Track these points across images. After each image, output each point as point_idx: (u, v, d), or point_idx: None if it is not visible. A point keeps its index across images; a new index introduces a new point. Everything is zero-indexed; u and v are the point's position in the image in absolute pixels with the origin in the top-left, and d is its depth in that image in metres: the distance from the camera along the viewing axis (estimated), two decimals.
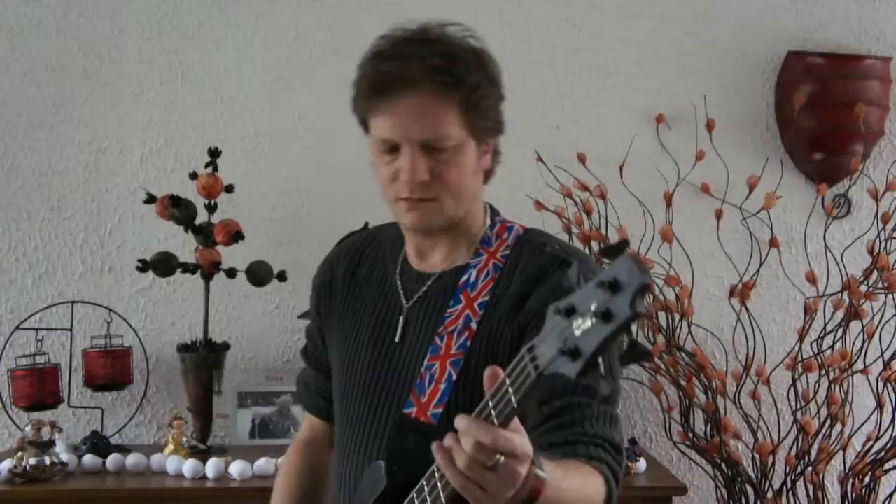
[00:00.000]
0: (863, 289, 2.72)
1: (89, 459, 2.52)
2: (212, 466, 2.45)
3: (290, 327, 2.87)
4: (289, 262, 2.75)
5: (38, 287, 2.83)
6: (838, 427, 2.72)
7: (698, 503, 2.94)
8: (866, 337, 2.72)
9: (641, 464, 2.59)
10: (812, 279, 2.78)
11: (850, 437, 2.74)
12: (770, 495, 2.75)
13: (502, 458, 1.08)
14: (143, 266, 2.60)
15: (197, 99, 2.88)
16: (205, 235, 2.63)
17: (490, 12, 2.83)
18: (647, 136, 2.93)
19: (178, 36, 2.87)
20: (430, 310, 1.47)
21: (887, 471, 2.75)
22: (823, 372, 2.73)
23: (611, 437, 1.35)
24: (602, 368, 0.99)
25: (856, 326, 2.74)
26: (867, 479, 2.73)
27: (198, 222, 2.65)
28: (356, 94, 1.46)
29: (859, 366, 2.74)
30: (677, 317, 2.80)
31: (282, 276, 2.67)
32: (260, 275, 2.66)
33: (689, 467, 2.92)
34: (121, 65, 2.86)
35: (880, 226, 2.77)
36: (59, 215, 2.85)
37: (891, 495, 2.86)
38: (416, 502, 1.24)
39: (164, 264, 2.63)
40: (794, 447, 2.74)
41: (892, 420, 2.71)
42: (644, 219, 2.87)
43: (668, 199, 2.89)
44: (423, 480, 1.22)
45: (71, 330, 2.79)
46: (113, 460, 2.51)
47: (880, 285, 2.72)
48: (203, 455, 2.54)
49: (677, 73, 2.95)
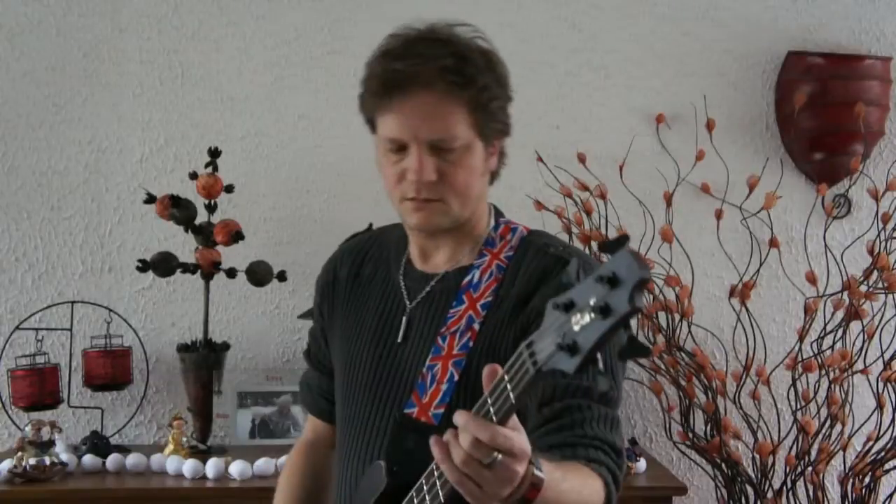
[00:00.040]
0: (863, 289, 2.72)
1: (89, 459, 2.52)
2: (212, 466, 2.45)
3: (290, 327, 2.87)
4: (289, 262, 2.76)
5: (38, 287, 2.83)
6: (838, 427, 2.72)
7: (698, 503, 2.94)
8: (866, 337, 2.72)
9: (641, 464, 2.59)
10: (812, 279, 2.78)
11: (850, 437, 2.74)
12: (770, 495, 2.75)
13: (500, 455, 1.08)
14: (143, 266, 2.60)
15: (197, 99, 2.88)
16: (205, 235, 2.63)
17: (490, 12, 2.83)
18: (647, 136, 2.93)
19: (178, 36, 2.87)
20: (432, 310, 1.46)
21: (887, 471, 2.75)
22: (823, 372, 2.73)
23: (611, 439, 1.34)
24: (601, 364, 0.99)
25: (856, 326, 2.74)
26: (867, 479, 2.73)
27: (198, 222, 2.65)
28: (364, 92, 1.45)
29: (859, 366, 2.74)
30: (677, 317, 2.80)
31: (282, 276, 2.67)
32: (260, 275, 2.66)
33: (689, 467, 2.92)
34: (121, 65, 2.86)
35: (880, 226, 2.77)
36: (59, 215, 2.85)
37: (891, 495, 2.86)
38: (415, 501, 1.24)
39: (164, 264, 2.63)
40: (794, 447, 2.74)
41: (892, 420, 2.71)
42: (644, 219, 2.87)
43: (668, 199, 2.89)
44: (423, 479, 1.22)
45: (71, 330, 2.79)
46: (113, 460, 2.51)
47: (880, 285, 2.72)
48: (203, 455, 2.54)
49: (677, 73, 2.95)
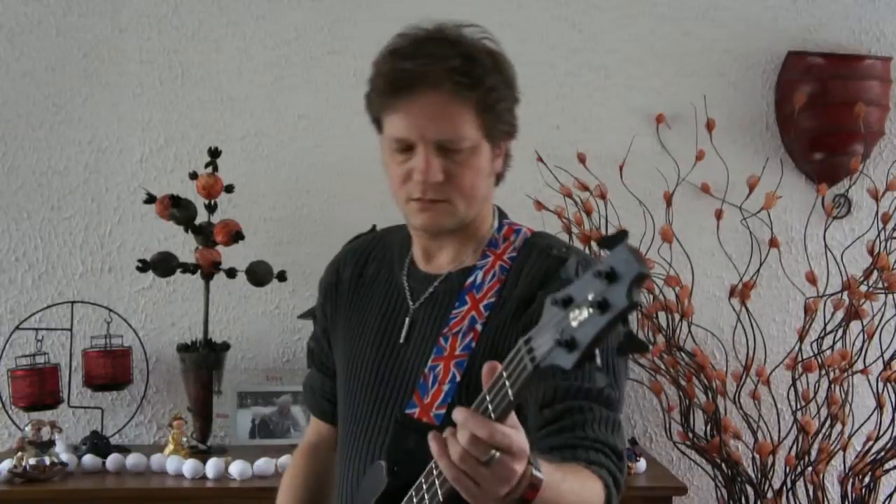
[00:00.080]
0: (863, 289, 2.72)
1: (89, 459, 2.51)
2: (212, 466, 2.45)
3: (290, 327, 2.87)
4: (289, 262, 2.76)
5: (38, 287, 2.83)
6: (838, 427, 2.72)
7: (698, 503, 2.94)
8: (866, 337, 2.72)
9: (641, 464, 2.59)
10: (812, 279, 2.78)
11: (850, 437, 2.74)
12: (770, 495, 2.75)
13: (497, 453, 1.07)
14: (143, 266, 2.60)
15: (197, 99, 2.88)
16: (205, 235, 2.63)
17: (490, 12, 2.83)
18: (647, 136, 2.93)
19: (178, 36, 2.87)
20: (435, 311, 1.46)
21: (887, 471, 2.75)
22: (823, 372, 2.73)
23: (612, 442, 1.34)
24: (599, 360, 0.98)
25: (856, 326, 2.74)
26: (867, 479, 2.73)
27: (198, 222, 2.65)
28: (370, 91, 1.45)
29: (859, 366, 2.74)
30: (677, 317, 2.80)
31: (282, 276, 2.67)
32: (260, 275, 2.66)
33: (689, 467, 2.92)
34: (121, 65, 2.86)
35: (880, 226, 2.77)
36: (59, 215, 2.84)
37: (891, 495, 2.86)
38: (414, 500, 1.24)
39: (164, 264, 2.63)
40: (794, 447, 2.74)
41: (892, 420, 2.71)
42: (644, 219, 2.87)
43: (668, 199, 2.89)
44: (422, 477, 1.22)
45: (71, 330, 2.79)
46: (113, 460, 2.51)
47: (880, 285, 2.72)
48: (203, 455, 2.54)
49: (677, 73, 2.95)
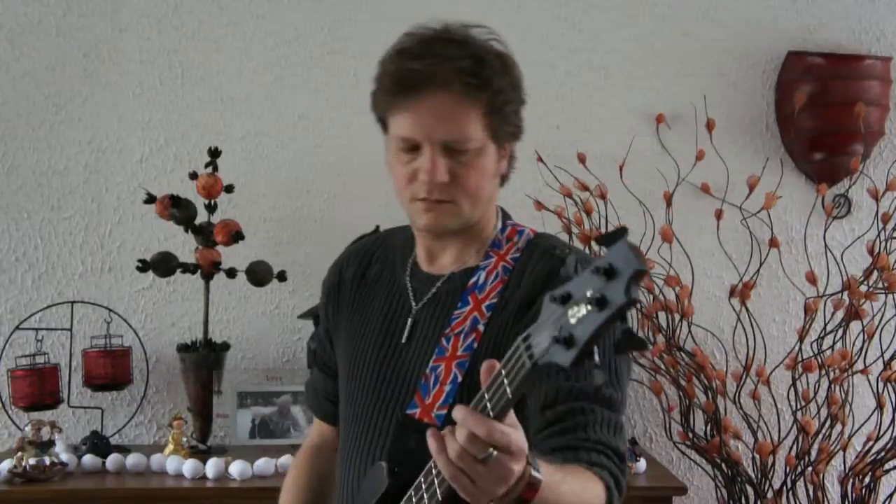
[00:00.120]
0: (863, 289, 2.72)
1: (89, 459, 2.51)
2: (212, 466, 2.45)
3: (290, 327, 2.87)
4: (289, 262, 2.76)
5: (38, 287, 2.83)
6: (838, 427, 2.72)
7: (698, 503, 2.94)
8: (866, 337, 2.72)
9: (641, 464, 2.59)
10: (812, 279, 2.78)
11: (850, 437, 2.74)
12: (770, 495, 2.75)
13: (495, 452, 1.07)
14: (143, 266, 2.60)
15: (197, 99, 2.87)
16: (205, 235, 2.63)
17: (490, 12, 2.82)
18: (647, 136, 2.93)
19: (178, 36, 2.87)
20: (438, 311, 1.46)
21: (887, 471, 2.75)
22: (823, 372, 2.73)
23: (614, 444, 1.33)
24: (597, 357, 0.97)
25: (856, 326, 2.74)
26: (867, 479, 2.73)
27: (198, 222, 2.65)
28: (376, 90, 1.44)
29: (859, 366, 2.74)
30: (677, 317, 2.80)
31: (282, 276, 2.67)
32: (260, 275, 2.66)
33: (689, 467, 2.92)
34: (121, 65, 2.86)
35: (880, 226, 2.77)
36: (59, 215, 2.84)
37: (891, 495, 2.86)
38: (413, 500, 1.23)
39: (164, 264, 2.63)
40: (794, 447, 2.74)
41: (892, 420, 2.71)
42: (644, 219, 2.87)
43: (668, 199, 2.89)
44: (421, 477, 1.22)
45: (71, 330, 2.79)
46: (113, 460, 2.51)
47: (880, 285, 2.72)
48: (203, 455, 2.54)
49: (677, 73, 2.95)
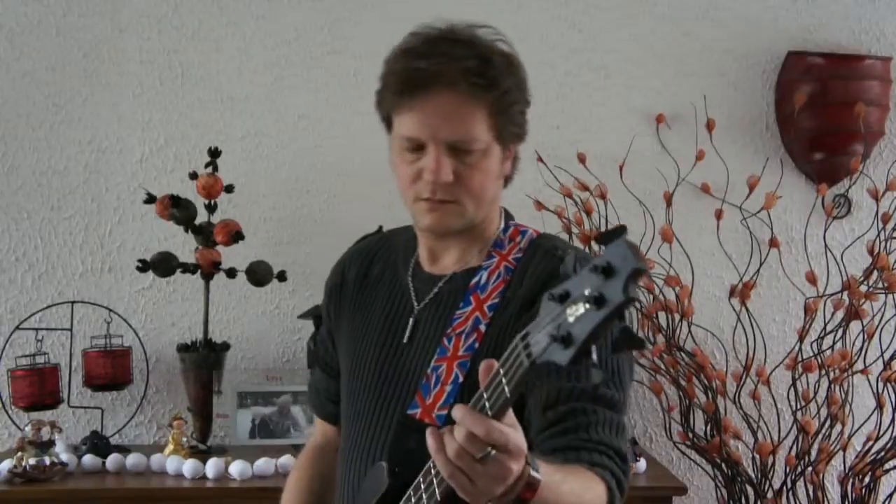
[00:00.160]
0: (863, 289, 2.72)
1: (89, 459, 2.51)
2: (212, 466, 2.45)
3: (290, 327, 2.87)
4: (289, 262, 2.76)
5: (38, 287, 2.83)
6: (838, 427, 2.72)
7: (698, 503, 2.94)
8: (866, 337, 2.72)
9: (641, 464, 2.58)
10: (812, 279, 2.78)
11: (850, 437, 2.75)
12: (770, 495, 2.75)
13: (493, 451, 1.07)
14: (143, 266, 2.60)
15: (197, 99, 2.87)
16: (205, 235, 2.63)
17: (490, 12, 2.82)
18: (647, 136, 2.93)
19: (178, 36, 2.87)
20: (439, 311, 1.46)
21: (887, 471, 2.75)
22: (823, 372, 2.73)
23: (616, 444, 1.33)
24: (595, 356, 0.97)
25: (856, 326, 2.74)
26: (867, 479, 2.73)
27: (198, 222, 2.65)
28: (381, 89, 1.44)
29: (859, 366, 2.74)
30: (677, 317, 2.80)
31: (282, 276, 2.67)
32: (260, 275, 2.66)
33: (689, 467, 2.92)
34: (121, 65, 2.86)
35: (880, 226, 2.77)
36: (59, 215, 2.84)
37: (891, 495, 2.86)
38: (413, 500, 1.23)
39: (164, 264, 2.63)
40: (794, 447, 2.74)
41: (892, 420, 2.71)
42: (644, 219, 2.87)
43: (668, 199, 2.89)
44: (421, 476, 1.21)
45: (71, 330, 2.79)
46: (113, 460, 2.51)
47: (880, 285, 2.72)
48: (203, 455, 2.54)
49: (677, 73, 2.95)
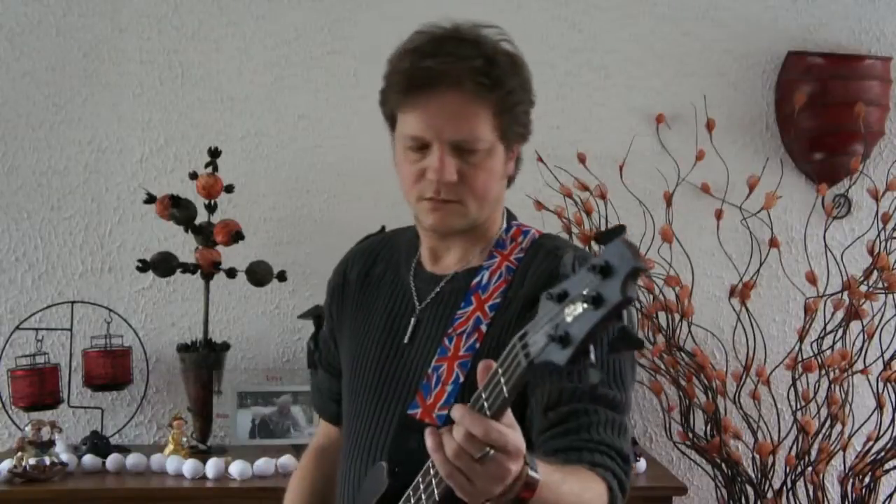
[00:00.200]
0: (863, 289, 2.72)
1: (89, 459, 2.51)
2: (212, 466, 2.44)
3: (290, 327, 2.87)
4: (289, 262, 2.76)
5: (38, 287, 2.83)
6: (838, 427, 2.72)
7: (698, 503, 2.94)
8: (866, 337, 2.72)
9: (641, 464, 2.59)
10: (812, 279, 2.78)
11: (850, 437, 2.74)
12: (770, 495, 2.75)
13: (492, 451, 1.06)
14: (143, 266, 2.60)
15: (197, 99, 2.87)
16: (205, 235, 2.63)
17: (490, 12, 2.81)
18: (647, 136, 2.93)
19: (178, 36, 2.87)
20: (440, 311, 1.46)
21: (887, 471, 2.75)
22: (823, 372, 2.73)
23: (618, 445, 1.32)
24: (593, 356, 0.96)
25: (856, 326, 2.74)
26: (867, 479, 2.73)
27: (198, 222, 2.65)
28: (385, 88, 1.44)
29: (859, 366, 2.74)
30: (677, 317, 2.80)
31: (282, 276, 2.67)
32: (260, 275, 2.66)
33: (689, 467, 2.92)
34: (121, 65, 2.86)
35: (880, 226, 2.77)
36: (59, 215, 2.84)
37: (891, 495, 2.86)
38: (412, 500, 1.23)
39: (164, 264, 2.62)
40: (794, 447, 2.74)
41: (892, 420, 2.71)
42: (644, 219, 2.87)
43: (668, 199, 2.89)
44: (420, 476, 1.21)
45: (71, 330, 2.78)
46: (113, 460, 2.51)
47: (880, 285, 2.72)
48: (203, 455, 2.54)
49: (677, 73, 2.95)
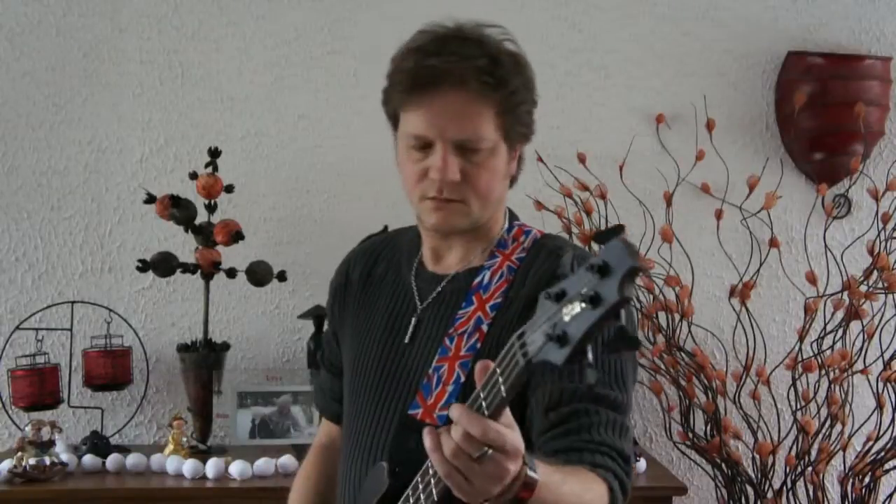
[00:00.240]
0: (863, 289, 2.72)
1: (89, 459, 2.51)
2: (212, 466, 2.44)
3: (290, 327, 2.87)
4: (289, 262, 2.76)
5: (38, 287, 2.83)
6: (838, 427, 2.72)
7: (698, 503, 2.94)
8: (866, 337, 2.72)
9: (641, 464, 2.59)
10: (812, 279, 2.78)
11: (850, 437, 2.74)
12: (770, 495, 2.75)
13: (490, 450, 1.06)
14: (143, 266, 2.60)
15: (197, 99, 2.87)
16: (205, 235, 2.63)
17: (490, 12, 2.81)
18: (647, 136, 2.93)
19: (178, 36, 2.87)
20: (442, 311, 1.46)
21: (887, 471, 2.75)
22: (823, 372, 2.73)
23: (619, 446, 1.32)
24: (590, 356, 0.96)
25: (856, 326, 2.74)
26: (867, 479, 2.73)
27: (198, 222, 2.65)
28: (389, 87, 1.44)
29: (859, 366, 2.74)
30: (677, 317, 2.80)
31: (282, 276, 2.67)
32: (260, 275, 2.66)
33: (689, 467, 2.92)
34: (121, 65, 2.86)
35: (880, 226, 2.77)
36: (59, 215, 2.84)
37: (891, 495, 2.86)
38: (411, 499, 1.23)
39: (164, 264, 2.62)
40: (794, 447, 2.74)
41: (892, 420, 2.71)
42: (644, 219, 2.87)
43: (668, 199, 2.89)
44: (419, 476, 1.21)
45: (71, 330, 2.78)
46: (113, 460, 2.51)
47: (880, 285, 2.72)
48: (203, 455, 2.54)
49: (677, 73, 2.95)
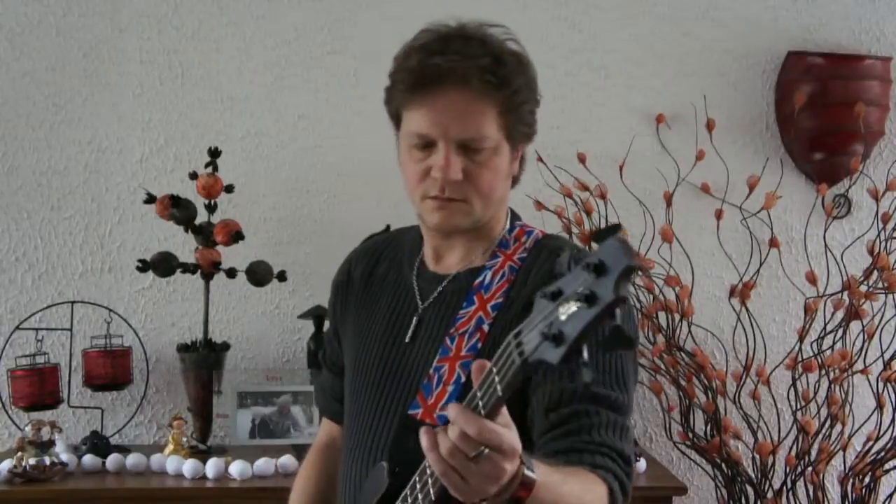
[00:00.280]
0: (863, 289, 2.72)
1: (89, 459, 2.51)
2: (212, 466, 2.44)
3: (290, 327, 2.87)
4: (289, 262, 2.76)
5: (38, 287, 2.83)
6: (838, 427, 2.72)
7: (698, 503, 2.94)
8: (866, 337, 2.72)
9: (641, 464, 2.58)
10: (812, 279, 2.78)
11: (850, 437, 2.75)
12: (770, 495, 2.75)
13: (486, 450, 1.06)
14: (143, 266, 2.60)
15: (197, 99, 2.87)
16: (205, 235, 2.63)
17: (490, 12, 2.81)
18: (647, 136, 2.93)
19: (178, 36, 2.87)
20: (443, 311, 1.45)
21: (887, 471, 2.75)
22: (823, 372, 2.73)
23: (620, 447, 1.32)
24: (586, 355, 0.95)
25: (856, 326, 2.74)
26: (867, 479, 2.73)
27: (198, 222, 2.65)
28: (391, 86, 1.44)
29: (859, 366, 2.74)
30: (677, 317, 2.80)
31: (282, 276, 2.67)
32: (260, 275, 2.66)
33: (689, 467, 2.92)
34: (121, 65, 2.86)
35: (880, 226, 2.77)
36: (59, 215, 2.84)
37: (891, 495, 2.86)
38: (409, 499, 1.23)
39: (164, 264, 2.62)
40: (794, 447, 2.74)
41: (892, 420, 2.71)
42: (644, 219, 2.87)
43: (668, 199, 2.89)
44: (416, 476, 1.21)
45: (71, 330, 2.78)
46: (113, 460, 2.51)
47: (880, 285, 2.72)
48: (203, 455, 2.54)
49: (677, 73, 2.95)
